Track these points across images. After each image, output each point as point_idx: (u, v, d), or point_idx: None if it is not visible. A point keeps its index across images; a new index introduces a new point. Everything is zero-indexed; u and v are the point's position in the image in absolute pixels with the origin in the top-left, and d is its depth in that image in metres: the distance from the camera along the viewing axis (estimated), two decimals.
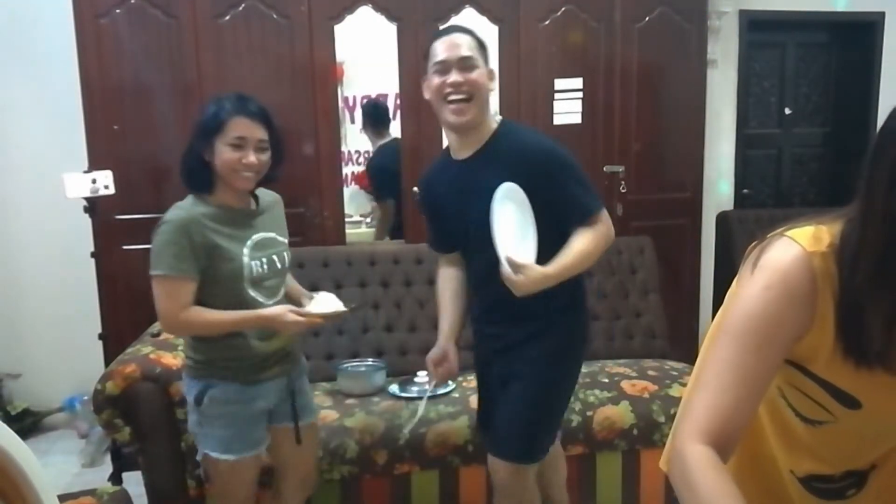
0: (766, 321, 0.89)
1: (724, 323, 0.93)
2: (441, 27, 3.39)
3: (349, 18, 3.30)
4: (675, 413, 2.50)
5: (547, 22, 3.47)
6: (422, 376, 2.61)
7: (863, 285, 0.85)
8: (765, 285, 0.89)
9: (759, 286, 0.89)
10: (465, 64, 1.76)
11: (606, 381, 2.68)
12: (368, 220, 4.30)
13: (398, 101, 3.63)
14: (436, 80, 1.77)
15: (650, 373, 2.77)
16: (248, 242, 1.81)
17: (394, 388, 2.63)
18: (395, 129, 3.85)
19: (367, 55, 3.87)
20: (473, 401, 2.34)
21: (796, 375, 0.94)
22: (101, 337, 3.01)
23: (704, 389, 0.91)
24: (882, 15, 4.29)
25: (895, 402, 0.90)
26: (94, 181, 2.79)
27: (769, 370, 0.90)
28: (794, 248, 0.89)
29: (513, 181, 1.70)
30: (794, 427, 1.00)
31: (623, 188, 3.59)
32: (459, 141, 1.85)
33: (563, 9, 3.47)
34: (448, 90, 1.75)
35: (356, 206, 4.31)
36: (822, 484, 1.02)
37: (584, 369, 2.81)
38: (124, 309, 3.05)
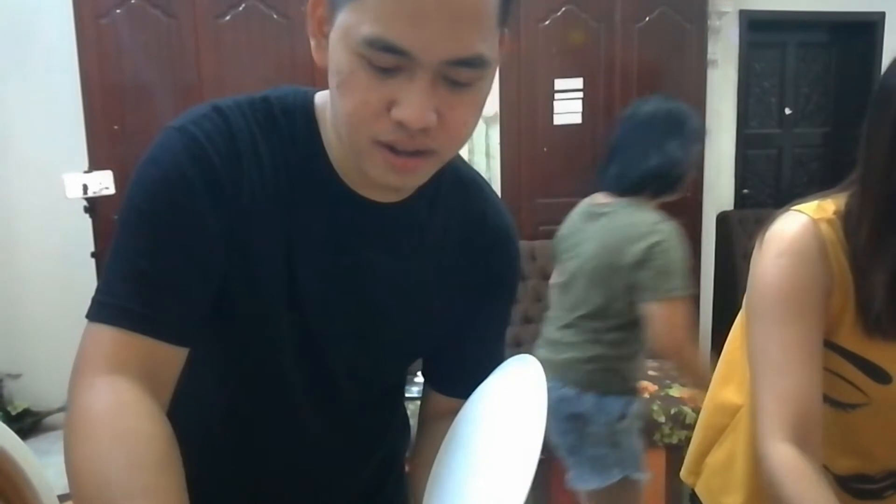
0: (789, 288, 0.88)
1: (751, 307, 0.91)
2: None
3: None
4: (675, 413, 2.50)
5: (547, 22, 3.47)
6: (421, 377, 2.61)
7: (865, 246, 0.85)
8: (776, 254, 0.89)
9: (771, 257, 0.89)
10: (458, 76, 0.63)
11: None
12: None
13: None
14: (360, 76, 0.62)
15: (650, 373, 2.77)
16: None
17: None
18: None
19: None
20: None
21: (826, 354, 0.93)
22: None
23: (762, 381, 0.88)
24: (882, 15, 4.28)
25: None
26: (99, 182, 2.79)
27: (815, 339, 0.88)
28: (800, 216, 0.90)
29: (450, 274, 0.83)
30: (826, 416, 0.97)
31: None
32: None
33: (563, 9, 3.47)
34: (391, 136, 0.64)
35: None
36: (860, 484, 1.00)
37: None
38: None
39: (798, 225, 0.89)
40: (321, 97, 0.75)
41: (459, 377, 0.86)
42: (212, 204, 0.68)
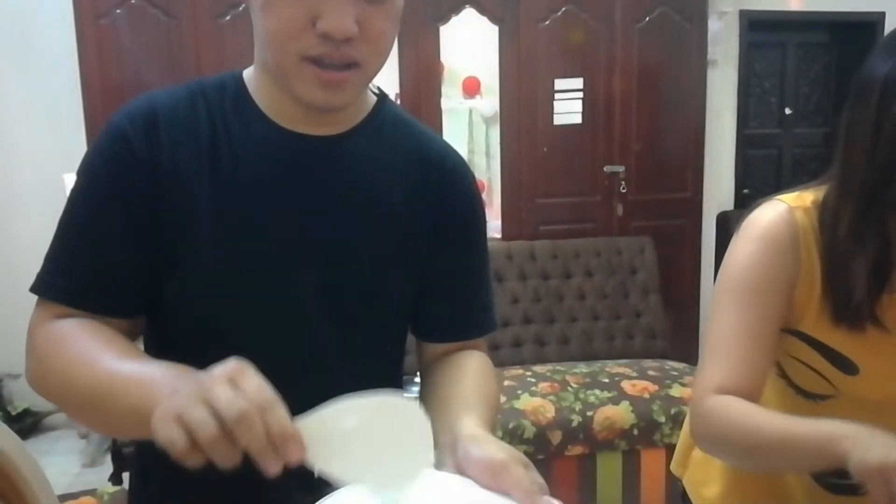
0: (754, 272, 0.91)
1: (717, 287, 0.95)
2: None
3: None
4: (675, 413, 2.51)
5: (547, 22, 3.47)
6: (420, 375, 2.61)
7: (845, 238, 0.87)
8: (749, 239, 0.93)
9: (743, 242, 0.93)
10: None
11: (607, 381, 2.68)
12: None
13: (399, 102, 3.64)
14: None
15: (650, 373, 2.77)
16: None
17: None
18: None
19: None
20: None
21: (793, 343, 0.95)
22: None
23: (712, 353, 0.92)
24: (882, 15, 4.28)
25: (891, 363, 0.91)
26: None
27: (770, 325, 0.91)
28: (778, 204, 0.93)
29: (405, 208, 0.83)
30: (799, 409, 0.99)
31: (623, 188, 3.58)
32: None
33: (563, 9, 3.47)
34: (318, 49, 0.69)
35: None
36: (837, 479, 1.00)
37: (584, 369, 2.83)
38: None
39: (774, 213, 0.92)
40: (248, 69, 0.82)
41: (446, 322, 0.88)
42: (131, 180, 0.74)
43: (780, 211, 0.92)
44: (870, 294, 0.87)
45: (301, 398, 0.79)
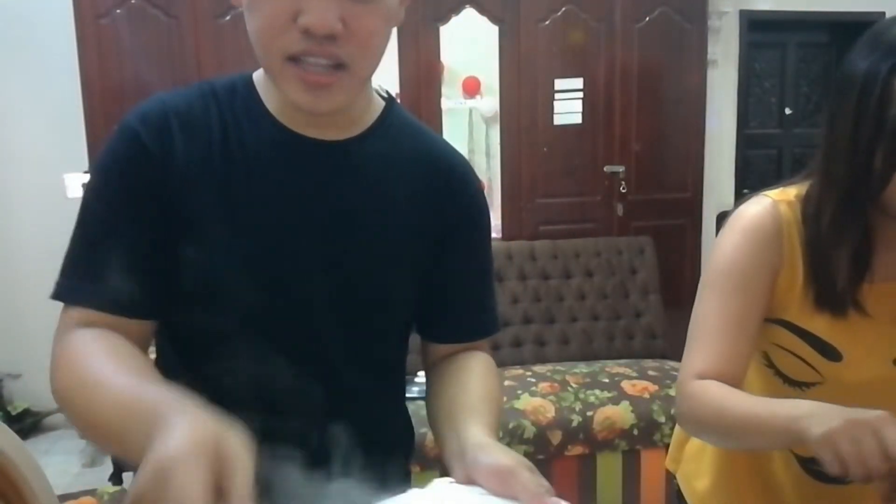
0: (738, 262, 0.94)
1: (704, 276, 0.99)
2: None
3: None
4: (675, 413, 2.51)
5: (547, 22, 3.47)
6: (422, 377, 2.61)
7: (828, 228, 0.90)
8: (733, 232, 0.96)
9: (729, 234, 0.97)
10: None
11: (607, 381, 2.68)
12: None
13: (398, 102, 3.63)
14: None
15: (650, 373, 2.77)
16: None
17: None
18: None
19: None
20: None
21: (778, 332, 0.97)
22: None
23: (696, 341, 0.95)
24: (882, 15, 4.28)
25: (872, 348, 0.93)
26: None
27: (753, 313, 0.94)
28: (763, 199, 0.97)
29: (411, 212, 0.84)
30: (787, 397, 1.00)
31: (623, 188, 3.59)
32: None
33: (563, 9, 3.47)
34: (300, 46, 0.68)
35: None
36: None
37: (584, 369, 2.83)
38: None
39: (759, 206, 0.96)
40: (258, 70, 0.81)
41: (450, 324, 0.90)
42: (144, 180, 0.74)
43: (765, 205, 0.96)
44: (852, 282, 0.90)
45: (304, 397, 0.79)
